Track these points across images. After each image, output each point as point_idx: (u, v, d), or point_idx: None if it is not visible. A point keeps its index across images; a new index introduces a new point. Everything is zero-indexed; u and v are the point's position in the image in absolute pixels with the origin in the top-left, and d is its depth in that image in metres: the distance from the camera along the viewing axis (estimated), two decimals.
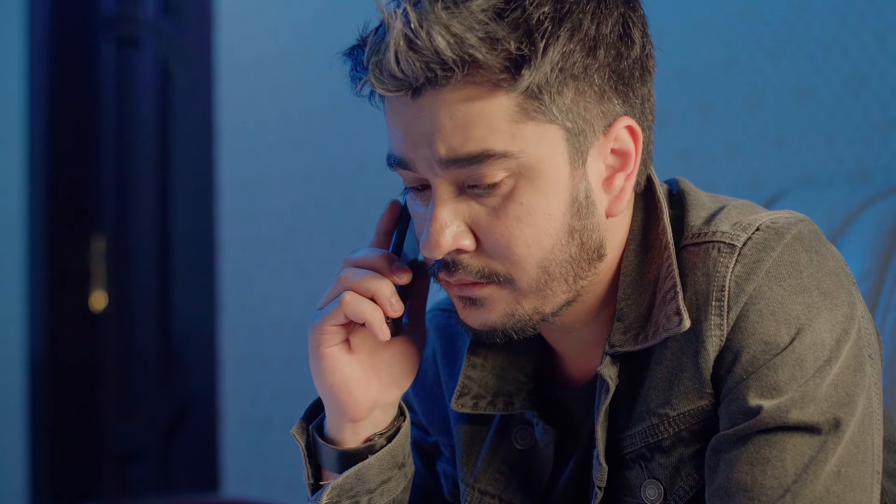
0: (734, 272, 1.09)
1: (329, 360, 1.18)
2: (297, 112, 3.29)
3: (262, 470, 3.39)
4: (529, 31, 1.03)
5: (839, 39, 1.98)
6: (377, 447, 1.20)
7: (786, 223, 1.12)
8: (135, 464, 4.10)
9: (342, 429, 1.20)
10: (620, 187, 1.13)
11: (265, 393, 3.37)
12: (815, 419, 1.05)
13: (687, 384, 1.11)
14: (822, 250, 1.12)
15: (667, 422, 1.12)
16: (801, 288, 1.09)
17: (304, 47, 3.28)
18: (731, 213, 1.15)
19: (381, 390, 1.19)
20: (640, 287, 1.16)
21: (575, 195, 1.09)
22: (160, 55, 3.97)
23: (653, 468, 1.14)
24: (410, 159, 1.09)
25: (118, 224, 4.16)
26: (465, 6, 1.03)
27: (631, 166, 1.13)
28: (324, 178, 3.19)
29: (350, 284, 1.16)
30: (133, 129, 4.09)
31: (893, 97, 1.91)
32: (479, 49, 1.02)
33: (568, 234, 1.10)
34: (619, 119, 1.11)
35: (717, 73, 2.17)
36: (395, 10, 1.04)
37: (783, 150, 2.06)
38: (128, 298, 4.14)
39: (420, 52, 1.02)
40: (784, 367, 1.06)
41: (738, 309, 1.08)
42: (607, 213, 1.13)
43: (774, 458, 1.04)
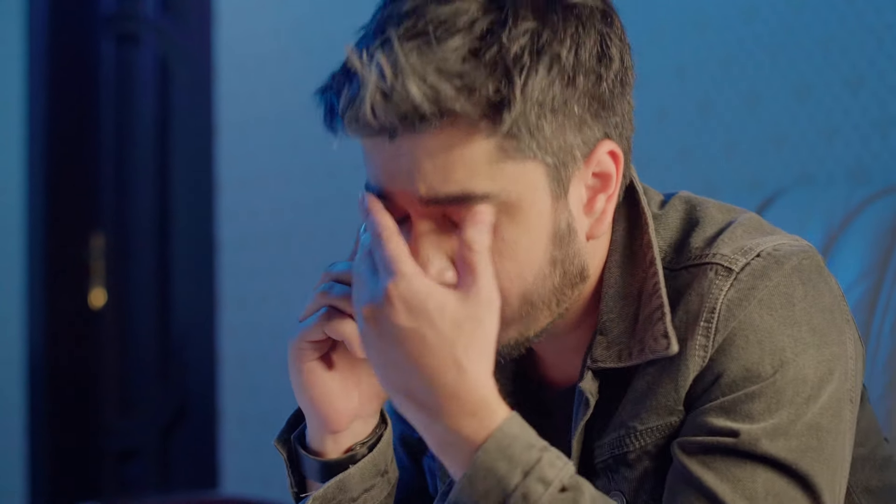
0: (727, 296, 1.08)
1: (308, 375, 1.16)
2: (297, 109, 3.29)
3: (260, 468, 3.39)
4: (507, 70, 1.00)
5: (838, 38, 1.98)
6: (358, 457, 1.19)
7: (787, 252, 1.10)
8: (133, 462, 4.10)
9: (323, 440, 1.19)
10: (602, 209, 1.11)
11: (264, 391, 3.37)
12: (784, 456, 1.04)
13: (661, 400, 1.10)
14: (819, 285, 1.11)
15: (634, 434, 1.11)
16: (791, 321, 1.08)
17: (304, 44, 3.28)
18: (735, 232, 1.13)
19: (361, 402, 1.18)
20: (624, 300, 1.14)
21: (556, 226, 1.08)
22: (160, 53, 3.97)
23: (618, 480, 1.13)
24: (389, 194, 1.07)
25: (117, 221, 4.16)
26: (438, 48, 0.99)
27: (612, 187, 1.11)
28: (323, 175, 3.19)
29: (329, 300, 1.13)
30: (133, 126, 4.09)
31: (892, 96, 1.91)
32: (456, 100, 0.99)
33: (550, 264, 1.08)
34: (600, 144, 1.08)
35: (716, 73, 2.17)
36: (368, 61, 1.00)
37: (782, 149, 2.06)
38: (127, 296, 4.14)
39: (396, 104, 0.98)
40: (761, 397, 1.05)
41: (726, 333, 1.07)
42: (588, 235, 1.12)
43: (746, 480, 1.04)
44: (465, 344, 1.00)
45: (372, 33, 1.04)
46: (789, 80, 2.05)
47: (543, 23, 1.03)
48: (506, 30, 1.01)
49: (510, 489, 0.99)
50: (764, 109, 2.09)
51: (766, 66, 2.09)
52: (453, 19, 1.01)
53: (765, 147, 2.08)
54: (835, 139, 1.98)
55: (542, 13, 1.03)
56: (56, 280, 4.17)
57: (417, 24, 1.01)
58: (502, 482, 0.99)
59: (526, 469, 0.99)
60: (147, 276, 4.03)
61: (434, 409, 1.01)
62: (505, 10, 1.02)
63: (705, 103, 2.18)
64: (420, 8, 1.02)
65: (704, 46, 2.19)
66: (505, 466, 0.99)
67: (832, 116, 1.98)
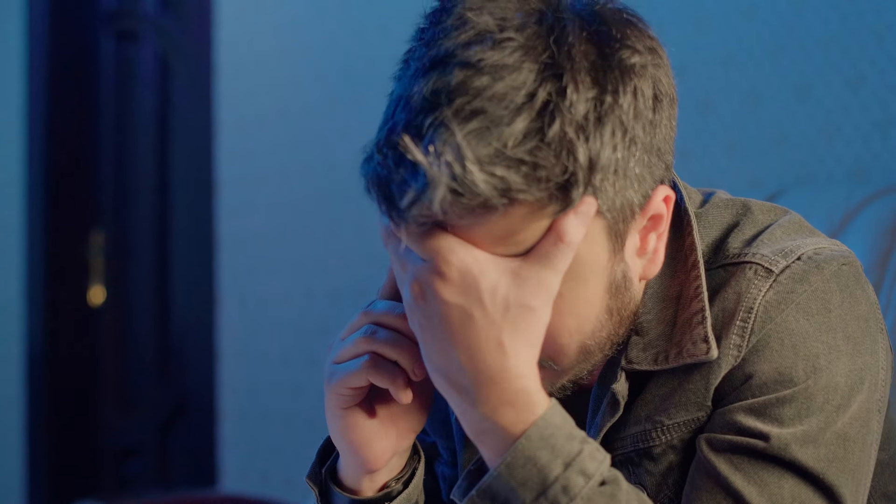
0: (766, 297, 1.07)
1: (348, 420, 1.13)
2: (297, 107, 3.29)
3: (259, 465, 3.39)
4: (572, 145, 0.95)
5: (838, 38, 1.97)
6: (394, 493, 1.17)
7: (828, 257, 1.09)
8: (132, 459, 4.10)
9: (360, 480, 1.17)
10: (654, 248, 1.09)
11: (263, 388, 3.37)
12: (811, 465, 1.04)
13: (690, 396, 1.10)
14: (856, 292, 1.10)
15: (661, 429, 1.11)
16: (827, 327, 1.07)
17: (304, 43, 3.28)
18: (775, 233, 1.12)
19: (398, 439, 1.16)
20: (663, 302, 1.13)
21: (613, 279, 1.05)
22: (160, 50, 3.97)
23: (640, 474, 1.13)
24: None
25: (117, 219, 4.16)
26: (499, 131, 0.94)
27: (662, 226, 1.08)
28: (323, 173, 3.19)
29: (374, 347, 1.09)
30: (132, 124, 4.09)
31: (892, 95, 1.91)
32: (525, 190, 0.94)
33: (607, 314, 1.06)
34: (655, 192, 1.05)
35: (717, 71, 2.17)
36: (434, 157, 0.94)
37: (782, 149, 2.06)
38: (126, 293, 4.14)
39: (466, 199, 0.94)
40: (793, 402, 1.05)
41: (761, 334, 1.06)
42: (642, 277, 1.10)
43: (773, 484, 1.04)
44: (511, 328, 0.97)
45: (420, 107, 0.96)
46: (790, 80, 2.05)
47: (603, 86, 0.98)
48: (566, 100, 0.95)
49: (550, 480, 0.97)
50: (764, 109, 2.09)
51: (766, 65, 2.09)
52: (511, 95, 0.95)
53: (765, 146, 2.08)
54: (835, 139, 1.98)
55: (600, 74, 0.98)
56: (55, 277, 4.17)
57: (473, 102, 0.94)
58: (543, 472, 0.98)
59: (567, 461, 0.98)
60: (146, 273, 4.03)
61: (472, 395, 0.99)
62: (563, 77, 0.96)
63: (705, 103, 2.18)
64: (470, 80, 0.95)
65: (705, 46, 2.19)
66: (546, 456, 0.98)
67: (832, 116, 1.98)
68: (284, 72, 3.34)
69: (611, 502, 0.99)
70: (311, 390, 3.09)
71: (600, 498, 0.98)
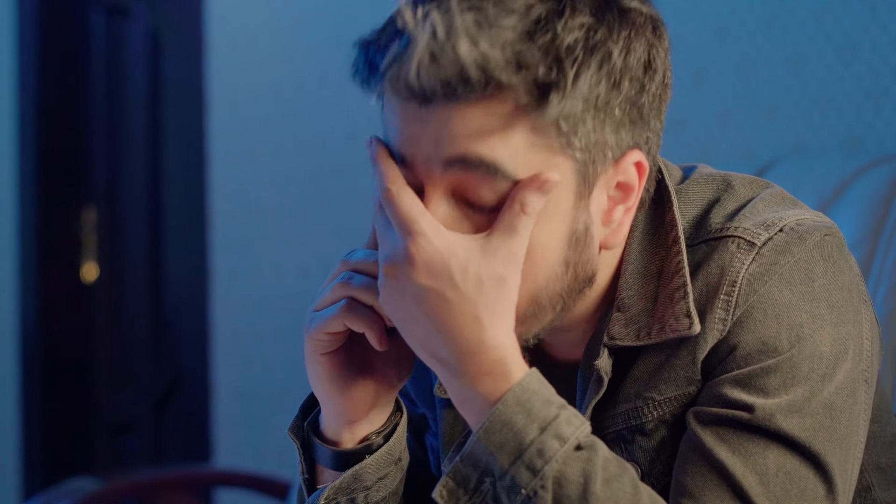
0: (749, 270, 1.07)
1: (326, 366, 1.14)
2: (289, 82, 3.29)
3: (254, 441, 3.40)
4: (559, 59, 0.98)
5: (831, 8, 1.97)
6: (374, 447, 1.18)
7: (810, 227, 1.09)
8: (127, 435, 4.11)
9: (339, 430, 1.18)
10: (619, 221, 1.09)
11: (257, 364, 3.37)
12: (798, 434, 1.04)
13: (679, 372, 1.10)
14: (840, 262, 1.10)
15: (652, 405, 1.11)
16: (810, 297, 1.07)
17: (296, 17, 3.27)
18: (756, 206, 1.12)
19: (378, 390, 1.16)
20: (644, 278, 1.13)
21: (574, 228, 1.05)
22: (151, 25, 3.95)
23: (633, 450, 1.13)
24: (410, 156, 1.03)
25: (109, 195, 4.15)
26: (496, 23, 0.96)
27: (632, 200, 1.09)
28: (315, 148, 3.18)
29: (350, 292, 1.10)
30: (124, 100, 4.08)
31: (885, 66, 1.90)
32: (505, 70, 0.96)
33: (563, 265, 1.06)
34: (630, 152, 1.06)
35: (710, 42, 2.16)
36: (421, 20, 0.97)
37: (775, 119, 2.05)
38: (119, 270, 4.14)
39: (443, 66, 0.96)
40: (777, 372, 1.05)
41: (745, 307, 1.06)
42: (602, 245, 1.10)
43: (758, 455, 1.04)
44: (486, 303, 1.00)
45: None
46: (783, 50, 2.04)
47: (599, 20, 1.01)
48: (562, 20, 0.98)
49: (526, 443, 0.99)
50: (757, 79, 2.08)
51: (759, 36, 2.08)
52: (511, 3, 0.99)
53: (758, 117, 2.08)
54: (828, 109, 1.98)
55: (598, 11, 1.01)
56: (48, 255, 4.17)
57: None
58: (519, 435, 0.99)
59: (543, 425, 1.00)
60: (139, 250, 4.02)
61: (453, 367, 1.02)
62: (563, 1, 1.00)
63: (698, 74, 2.18)
64: None
65: (697, 17, 2.18)
66: (522, 420, 1.00)
67: (826, 86, 1.98)
68: (276, 47, 3.33)
69: (587, 466, 1.00)
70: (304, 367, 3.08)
71: (576, 462, 0.99)
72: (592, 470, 1.00)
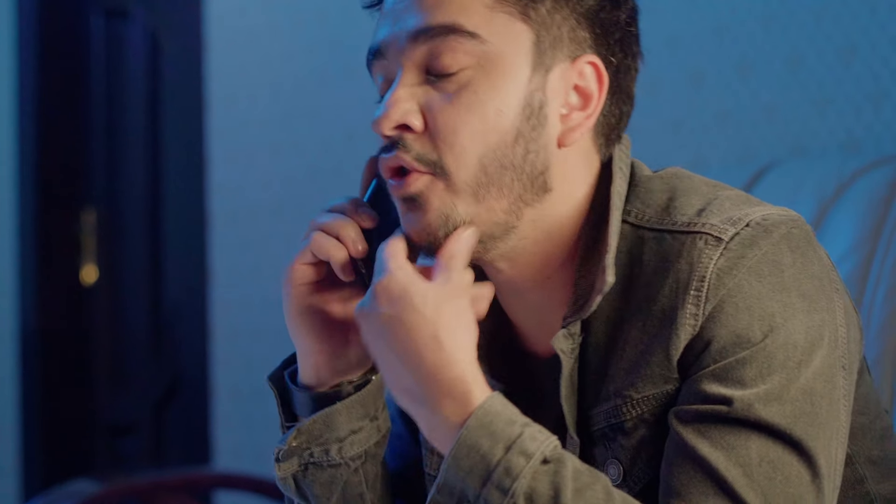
0: (717, 264, 1.08)
1: (297, 299, 1.21)
2: (288, 82, 3.29)
3: (253, 442, 3.40)
4: None
5: (830, 8, 1.97)
6: (344, 393, 1.21)
7: (776, 221, 1.10)
8: (126, 437, 4.11)
9: (310, 374, 1.23)
10: (577, 123, 1.15)
11: (256, 365, 3.37)
12: (778, 422, 1.04)
13: (654, 369, 1.10)
14: (808, 253, 1.11)
15: (630, 403, 1.12)
16: (780, 287, 1.08)
17: (294, 17, 3.27)
18: (724, 204, 1.14)
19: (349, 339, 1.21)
20: (594, 258, 1.16)
21: (529, 100, 1.12)
22: (150, 26, 3.95)
23: (615, 448, 1.14)
24: (385, 45, 1.15)
25: (108, 197, 4.15)
26: None
27: (591, 108, 1.15)
28: (314, 148, 3.18)
29: (317, 225, 1.19)
30: (123, 100, 4.08)
31: (885, 67, 1.90)
32: None
33: (514, 137, 1.12)
34: (586, 54, 1.15)
35: (709, 42, 2.16)
36: None
37: (774, 120, 2.05)
38: (118, 271, 4.14)
39: None
40: (753, 362, 1.06)
41: (715, 301, 1.07)
42: (559, 141, 1.14)
43: (740, 447, 1.04)
44: (445, 323, 1.06)
45: None
46: (782, 51, 2.04)
47: None
48: None
49: (493, 464, 1.02)
50: (756, 80, 2.08)
51: (758, 36, 2.08)
52: None
53: (757, 118, 2.08)
54: (827, 110, 1.98)
55: None
56: (48, 256, 4.16)
57: None
58: (485, 458, 1.02)
59: (508, 444, 1.02)
60: (139, 251, 4.02)
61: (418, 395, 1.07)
62: None
63: (697, 74, 2.18)
64: None
65: (696, 16, 2.18)
66: (487, 443, 1.02)
67: (825, 87, 1.98)
68: (275, 47, 3.33)
69: (555, 478, 1.02)
70: None
71: (544, 476, 1.02)
72: (562, 482, 1.02)
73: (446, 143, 1.11)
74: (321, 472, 1.23)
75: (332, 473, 1.23)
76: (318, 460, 1.22)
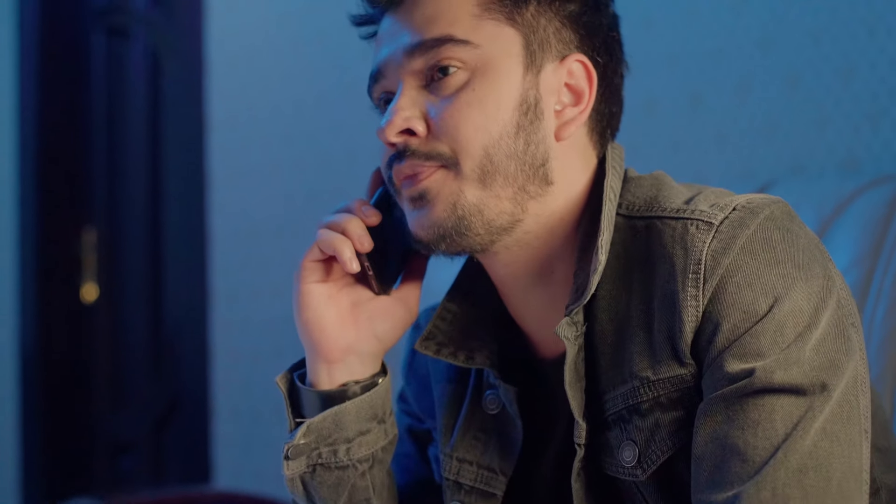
0: (710, 247, 1.12)
1: (307, 297, 1.27)
2: (288, 103, 3.29)
3: (253, 462, 3.39)
4: None
5: (829, 28, 1.98)
6: (350, 393, 1.25)
7: (760, 203, 1.15)
8: (126, 456, 4.10)
9: (318, 370, 1.27)
10: (571, 118, 1.22)
11: (256, 385, 3.37)
12: (800, 381, 1.07)
13: (667, 351, 1.13)
14: (793, 229, 1.15)
15: (647, 385, 1.15)
16: (775, 261, 1.11)
17: (295, 37, 3.27)
18: (708, 195, 1.18)
19: (357, 337, 1.26)
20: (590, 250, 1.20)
21: (525, 96, 1.19)
22: (151, 46, 3.96)
23: (630, 430, 1.16)
24: (383, 65, 1.23)
25: (109, 216, 4.16)
26: None
27: (584, 104, 1.23)
28: (315, 168, 3.19)
29: (325, 223, 1.27)
30: (124, 120, 4.09)
31: (883, 86, 1.91)
32: None
33: (515, 128, 1.18)
34: (574, 53, 1.23)
35: (707, 63, 2.17)
36: None
37: (773, 140, 2.06)
38: (119, 290, 4.14)
39: None
40: (765, 333, 1.09)
41: (715, 282, 1.11)
42: (556, 134, 1.21)
43: (764, 420, 1.06)
44: None
45: None
46: (780, 71, 2.05)
47: None
48: None
49: None
50: (755, 100, 2.09)
51: (756, 56, 2.09)
52: None
53: (756, 137, 2.08)
54: (826, 129, 1.98)
55: None
56: (48, 275, 4.17)
57: None
58: None
59: None
60: (139, 270, 4.02)
61: None
62: None
63: (696, 94, 2.18)
64: None
65: (695, 36, 2.19)
66: None
67: (823, 107, 1.98)
68: (276, 67, 3.34)
69: None
70: None
71: None
72: None
73: (450, 137, 1.18)
74: (329, 474, 1.26)
75: (340, 476, 1.26)
76: (325, 461, 1.25)
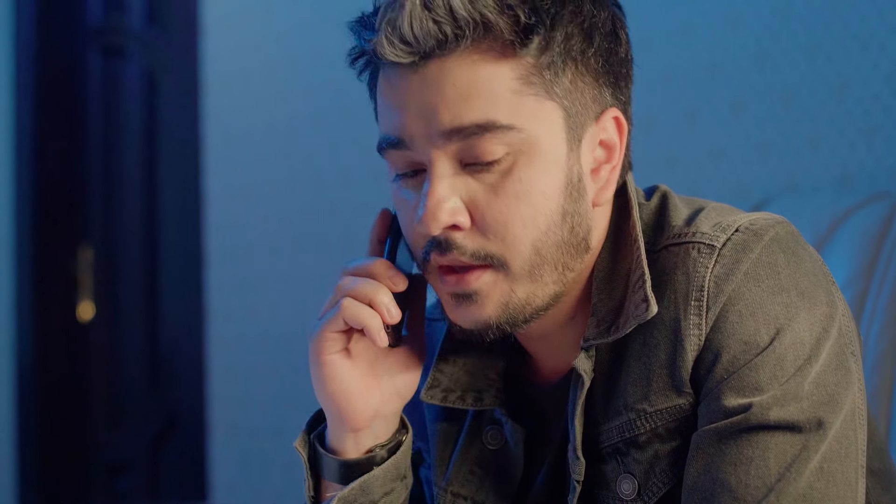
0: (713, 272, 1.10)
1: (329, 368, 1.18)
2: (283, 121, 3.29)
3: (250, 480, 3.39)
4: (536, 8, 1.07)
5: (823, 45, 1.98)
6: (378, 459, 1.21)
7: (764, 225, 1.13)
8: (123, 474, 4.09)
9: (343, 439, 1.21)
10: (606, 178, 1.16)
11: (253, 403, 3.37)
12: (797, 418, 1.05)
13: (665, 381, 1.12)
14: (798, 251, 1.13)
15: (644, 417, 1.13)
16: (779, 288, 1.09)
17: (290, 57, 3.28)
18: (710, 214, 1.16)
19: (381, 400, 1.20)
20: (613, 282, 1.17)
21: (570, 177, 1.11)
22: (146, 65, 3.96)
23: (628, 463, 1.14)
24: (409, 136, 1.10)
25: (105, 234, 4.16)
26: None
27: (616, 159, 1.16)
28: (310, 187, 3.19)
29: (348, 291, 1.16)
30: (120, 139, 4.09)
31: (877, 103, 1.91)
32: (491, 10, 1.05)
33: (561, 216, 1.11)
34: (609, 109, 1.15)
35: (702, 80, 2.17)
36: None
37: (768, 157, 2.06)
38: (115, 309, 4.13)
39: (434, 10, 1.05)
40: (765, 366, 1.07)
41: (718, 309, 1.09)
42: (594, 201, 1.15)
43: (757, 458, 1.05)
44: None
45: None
46: (775, 88, 2.05)
47: None
48: None
49: None
50: (750, 116, 2.09)
51: (751, 73, 2.09)
52: None
53: (751, 154, 2.09)
54: (821, 147, 1.98)
55: None
56: (45, 293, 4.16)
57: None
58: None
59: None
60: (135, 288, 4.02)
61: None
62: None
63: (691, 111, 2.19)
64: None
65: (690, 54, 2.19)
66: None
67: (818, 123, 1.99)
68: (271, 86, 3.35)
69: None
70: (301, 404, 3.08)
71: None
72: None
73: (499, 236, 1.10)
74: None
75: None
76: None
